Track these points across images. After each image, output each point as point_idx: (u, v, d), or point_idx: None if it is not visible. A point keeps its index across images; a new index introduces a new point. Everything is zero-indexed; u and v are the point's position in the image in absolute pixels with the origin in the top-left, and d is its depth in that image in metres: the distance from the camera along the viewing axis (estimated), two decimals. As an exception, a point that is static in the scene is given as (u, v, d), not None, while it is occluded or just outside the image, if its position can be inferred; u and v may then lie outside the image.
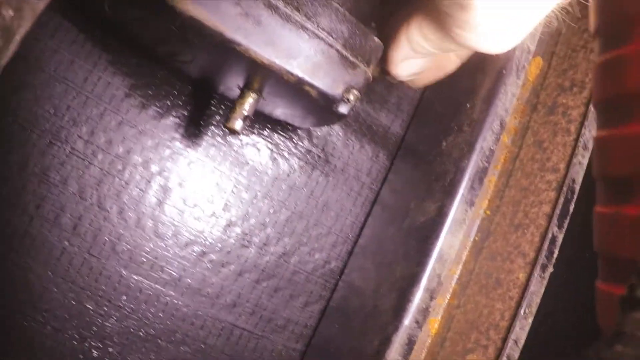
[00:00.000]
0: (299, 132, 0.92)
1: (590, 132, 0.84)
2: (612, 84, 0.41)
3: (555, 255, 0.82)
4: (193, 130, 0.86)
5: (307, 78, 0.63)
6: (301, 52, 0.62)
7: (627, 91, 0.37)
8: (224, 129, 0.85)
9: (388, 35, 0.71)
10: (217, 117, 0.87)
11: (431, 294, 0.80)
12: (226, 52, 0.61)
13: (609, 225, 0.39)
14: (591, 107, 0.84)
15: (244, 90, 0.70)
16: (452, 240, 0.80)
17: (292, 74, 0.62)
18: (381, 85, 0.94)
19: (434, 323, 0.84)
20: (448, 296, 0.85)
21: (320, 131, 0.94)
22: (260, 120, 0.90)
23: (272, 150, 0.90)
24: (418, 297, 0.80)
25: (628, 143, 0.35)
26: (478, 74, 0.87)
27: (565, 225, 0.83)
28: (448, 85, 0.85)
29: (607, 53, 0.44)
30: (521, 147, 0.89)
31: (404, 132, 1.00)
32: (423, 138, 0.95)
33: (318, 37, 0.62)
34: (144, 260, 0.84)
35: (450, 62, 0.75)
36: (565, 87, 0.88)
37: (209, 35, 0.58)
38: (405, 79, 0.74)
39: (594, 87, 0.46)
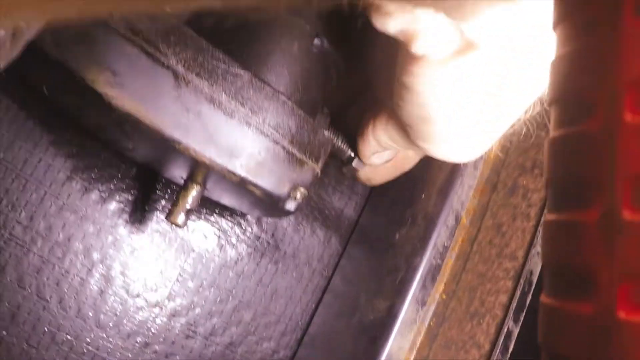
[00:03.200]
0: (248, 217, 0.94)
1: (550, 219, 0.89)
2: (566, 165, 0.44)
3: (510, 350, 0.87)
4: (137, 216, 0.87)
5: (250, 178, 0.64)
6: (244, 150, 0.63)
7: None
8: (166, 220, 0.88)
9: (352, 124, 0.76)
10: (163, 202, 0.88)
11: (379, 399, 0.85)
12: (167, 147, 0.62)
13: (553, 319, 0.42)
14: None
15: (187, 183, 0.71)
16: (401, 342, 0.85)
17: (234, 174, 0.63)
18: (334, 166, 0.98)
19: None
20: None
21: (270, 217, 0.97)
22: (207, 205, 0.91)
23: (219, 237, 0.92)
24: (366, 401, 0.85)
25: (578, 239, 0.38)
26: (434, 163, 0.92)
27: (521, 319, 0.88)
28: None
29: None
30: (479, 229, 0.93)
31: (357, 216, 1.02)
32: (377, 225, 0.98)
33: (263, 133, 0.63)
34: (85, 351, 0.85)
35: (409, 161, 0.81)
36: (527, 168, 0.92)
37: (146, 131, 0.59)
38: (377, 166, 0.79)
39: (545, 164, 0.49)
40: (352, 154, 0.77)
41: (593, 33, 0.34)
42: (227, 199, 0.82)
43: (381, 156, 0.75)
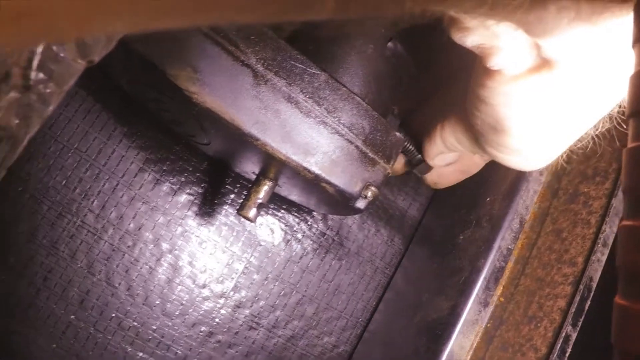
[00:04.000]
0: (315, 214, 0.96)
1: (610, 228, 0.89)
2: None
3: (567, 355, 0.88)
4: (206, 208, 0.90)
5: (324, 175, 0.66)
6: (320, 148, 0.64)
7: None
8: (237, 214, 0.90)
9: (420, 126, 0.78)
10: (232, 196, 0.91)
11: (439, 398, 0.87)
12: (243, 143, 0.64)
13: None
14: (613, 201, 0.90)
15: (260, 178, 0.74)
16: (463, 342, 0.87)
17: (309, 171, 0.65)
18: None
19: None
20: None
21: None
22: (275, 201, 0.94)
23: (286, 232, 0.94)
24: (426, 400, 0.87)
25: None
26: (499, 167, 0.93)
27: (580, 324, 0.89)
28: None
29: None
30: (539, 235, 0.94)
31: (420, 217, 1.03)
32: (440, 226, 1.00)
33: (338, 133, 0.65)
34: (150, 338, 0.88)
35: (476, 166, 0.82)
36: (588, 175, 0.93)
37: (225, 127, 0.61)
38: (440, 168, 0.81)
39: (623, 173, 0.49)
40: (421, 157, 0.79)
41: None
42: (296, 196, 0.84)
43: (445, 158, 0.76)
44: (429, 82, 0.83)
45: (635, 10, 0.35)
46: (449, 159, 0.77)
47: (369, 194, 0.70)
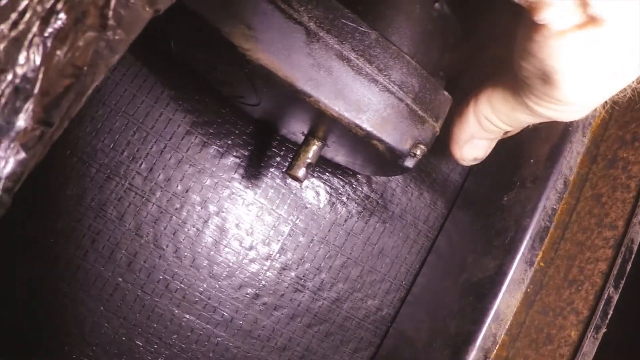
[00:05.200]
0: (359, 177, 0.97)
1: (652, 192, 0.91)
2: None
3: (609, 316, 0.89)
4: (252, 171, 0.91)
5: (375, 132, 0.67)
6: (371, 106, 0.66)
7: None
8: (284, 173, 0.89)
9: (463, 91, 0.79)
10: (278, 159, 0.92)
11: (485, 354, 0.88)
12: (295, 101, 0.66)
13: None
14: (654, 165, 0.91)
15: (309, 138, 0.75)
16: (509, 300, 0.88)
17: (361, 128, 0.67)
18: (442, 132, 1.00)
19: (482, 375, 0.93)
20: (496, 347, 0.94)
21: (380, 177, 1.00)
22: (320, 164, 0.95)
23: (331, 195, 0.96)
24: (472, 356, 0.88)
25: None
26: (543, 128, 0.94)
27: (621, 285, 0.90)
28: (510, 138, 0.93)
29: None
30: (579, 200, 0.95)
31: (463, 181, 1.05)
32: (483, 189, 1.01)
33: (389, 90, 0.66)
34: (197, 300, 0.90)
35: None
36: (627, 141, 0.94)
37: (278, 84, 0.62)
38: (467, 163, 0.82)
39: None
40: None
41: None
42: (342, 156, 0.85)
43: (474, 148, 0.78)
44: (475, 43, 0.84)
45: None
46: (478, 150, 0.79)
47: (418, 152, 0.71)
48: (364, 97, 0.66)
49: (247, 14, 0.61)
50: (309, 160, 0.75)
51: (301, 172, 0.75)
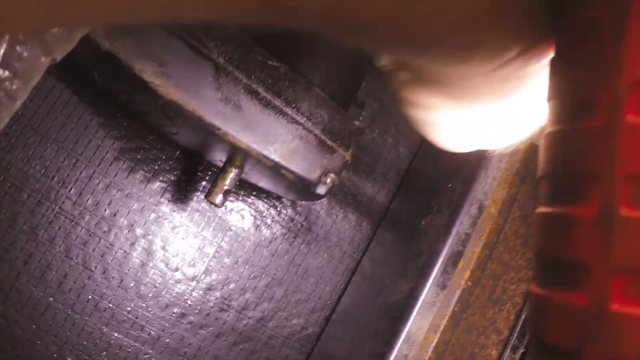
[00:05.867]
0: (283, 200, 1.01)
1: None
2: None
3: (527, 337, 0.92)
4: (179, 195, 0.95)
5: (283, 163, 0.72)
6: (279, 137, 0.70)
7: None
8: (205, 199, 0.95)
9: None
10: (203, 183, 0.96)
11: (396, 374, 0.92)
12: (207, 133, 0.70)
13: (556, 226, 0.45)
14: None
15: (226, 166, 0.79)
16: (421, 322, 0.92)
17: (269, 159, 0.71)
18: (368, 155, 1.04)
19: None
20: (424, 366, 0.97)
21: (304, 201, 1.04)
22: (245, 188, 0.99)
23: (255, 218, 1.00)
24: (384, 376, 0.92)
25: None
26: (461, 154, 0.97)
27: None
28: (433, 158, 0.97)
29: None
30: (507, 220, 0.98)
31: (389, 202, 1.08)
32: (406, 211, 1.04)
33: (297, 122, 0.70)
34: (125, 319, 0.93)
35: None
36: None
37: (189, 117, 0.66)
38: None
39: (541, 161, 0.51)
40: None
41: (597, 34, 0.39)
42: (264, 183, 0.90)
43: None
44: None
45: (552, 65, 0.39)
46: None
47: (328, 180, 0.76)
48: (272, 128, 0.70)
49: (158, 51, 0.65)
50: (226, 187, 0.80)
51: (218, 198, 0.79)
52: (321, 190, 0.78)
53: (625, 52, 0.36)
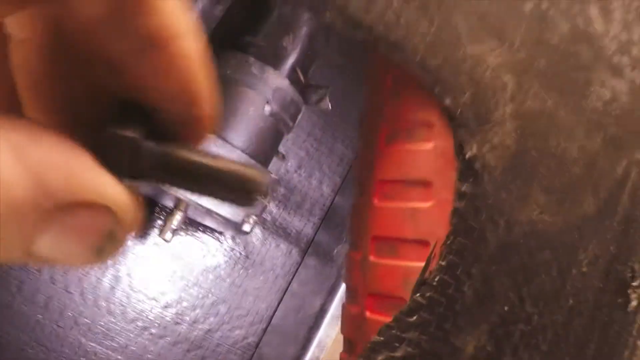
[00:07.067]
0: (224, 234, 1.24)
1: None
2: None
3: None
4: (140, 231, 1.21)
5: (214, 209, 0.95)
6: None
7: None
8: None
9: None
10: (159, 222, 1.18)
11: (311, 373, 1.16)
12: (158, 189, 0.93)
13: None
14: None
15: (173, 210, 1.02)
16: (329, 332, 1.16)
17: (202, 207, 0.95)
18: (297, 194, 1.28)
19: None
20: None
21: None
22: (194, 224, 1.21)
23: (202, 249, 1.22)
24: (300, 373, 1.17)
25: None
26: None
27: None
28: (351, 195, 1.20)
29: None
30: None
31: (314, 234, 1.31)
32: (326, 241, 1.27)
33: None
34: (99, 331, 1.16)
35: None
36: None
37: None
38: None
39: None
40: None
41: (366, 146, 0.62)
42: (207, 221, 1.13)
43: None
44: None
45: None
46: None
47: (251, 221, 1.00)
48: (202, 182, 0.94)
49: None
50: (173, 227, 1.03)
51: (168, 235, 1.03)
52: (246, 228, 1.01)
53: (375, 162, 0.60)
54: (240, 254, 1.26)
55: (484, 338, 0.51)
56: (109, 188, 0.25)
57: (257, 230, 1.27)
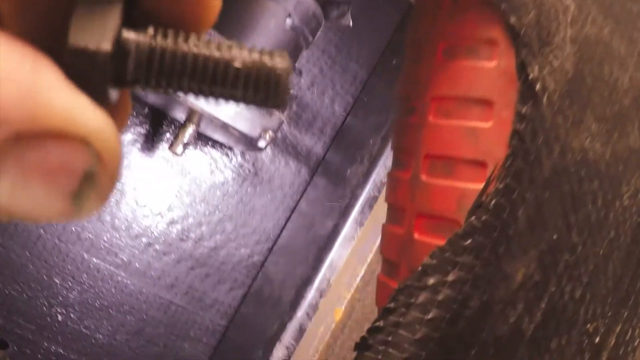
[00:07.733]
0: (234, 150, 1.21)
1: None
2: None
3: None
4: (147, 145, 1.14)
5: (230, 122, 0.93)
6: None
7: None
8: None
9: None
10: (168, 135, 1.16)
11: (321, 293, 1.15)
12: (170, 98, 0.91)
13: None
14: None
15: (185, 122, 1.00)
16: (341, 252, 1.15)
17: (218, 119, 0.92)
18: (308, 112, 1.25)
19: (339, 312, 1.18)
20: (352, 290, 1.19)
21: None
22: (203, 139, 1.19)
23: (210, 164, 1.20)
24: (310, 295, 1.15)
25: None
26: (384, 112, 1.20)
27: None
28: (364, 116, 1.18)
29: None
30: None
31: (324, 153, 1.28)
32: (338, 161, 1.25)
33: None
34: (102, 247, 1.15)
35: None
36: None
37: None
38: None
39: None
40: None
41: (418, 62, 0.60)
42: (218, 136, 1.11)
43: None
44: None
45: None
46: None
47: (267, 137, 0.97)
48: (221, 97, 0.92)
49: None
50: (185, 140, 1.01)
51: (179, 149, 1.00)
52: (262, 144, 0.99)
53: (431, 76, 0.58)
54: (249, 170, 1.24)
55: (533, 266, 0.50)
56: (84, 112, 0.19)
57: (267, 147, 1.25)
